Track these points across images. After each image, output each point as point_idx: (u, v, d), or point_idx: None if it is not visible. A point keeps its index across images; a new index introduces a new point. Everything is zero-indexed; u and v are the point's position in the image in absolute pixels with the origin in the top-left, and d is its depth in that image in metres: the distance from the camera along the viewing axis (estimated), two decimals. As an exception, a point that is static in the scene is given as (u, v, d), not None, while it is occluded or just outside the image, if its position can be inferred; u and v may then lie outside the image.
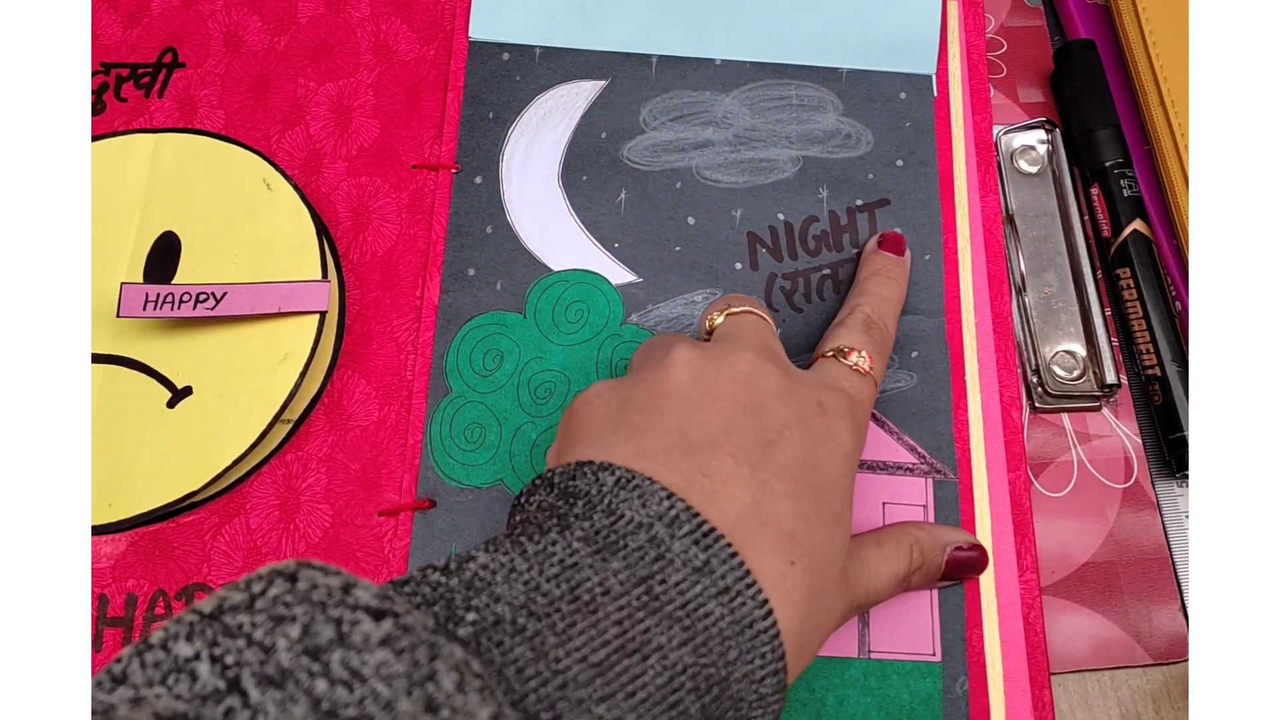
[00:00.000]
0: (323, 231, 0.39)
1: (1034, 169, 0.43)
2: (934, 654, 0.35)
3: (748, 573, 0.24)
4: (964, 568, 0.35)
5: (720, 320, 0.33)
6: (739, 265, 0.40)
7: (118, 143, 0.40)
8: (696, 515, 0.25)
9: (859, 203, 0.41)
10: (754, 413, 0.28)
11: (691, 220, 0.40)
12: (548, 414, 0.37)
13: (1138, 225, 0.41)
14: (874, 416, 0.38)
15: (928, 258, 0.40)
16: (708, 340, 0.33)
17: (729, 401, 0.28)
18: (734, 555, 0.25)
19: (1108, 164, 0.42)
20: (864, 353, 0.33)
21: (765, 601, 0.24)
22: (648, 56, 0.43)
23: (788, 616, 0.25)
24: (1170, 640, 0.37)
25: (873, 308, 0.36)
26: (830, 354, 0.33)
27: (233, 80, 0.41)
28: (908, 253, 0.39)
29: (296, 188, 0.39)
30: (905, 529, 0.34)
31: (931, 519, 0.36)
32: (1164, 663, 0.37)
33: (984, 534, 0.37)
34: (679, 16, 0.43)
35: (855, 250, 0.40)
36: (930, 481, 0.37)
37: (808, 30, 0.43)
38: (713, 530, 0.25)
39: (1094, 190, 0.43)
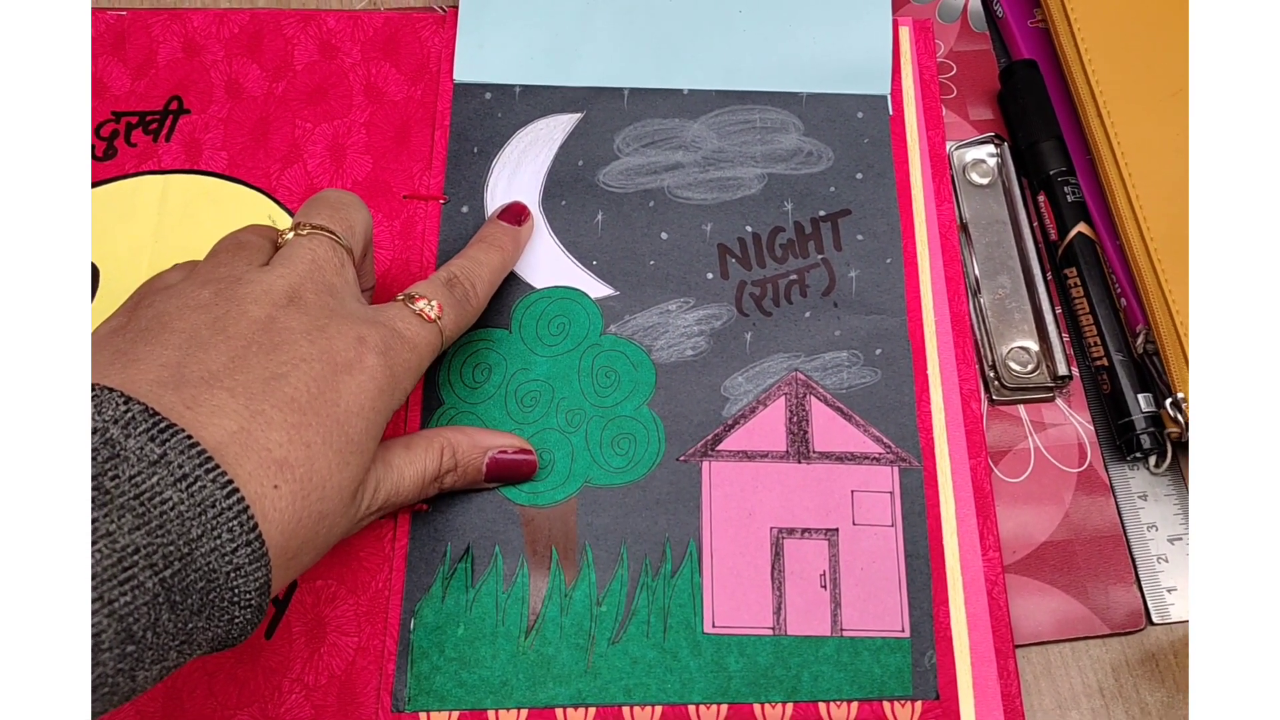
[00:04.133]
0: (321, 259, 0.42)
1: (985, 180, 0.46)
2: (903, 630, 0.37)
3: (208, 459, 0.25)
4: (509, 471, 0.37)
5: (289, 238, 0.33)
6: (710, 275, 0.43)
7: (128, 185, 0.43)
8: (154, 414, 0.25)
9: (822, 213, 0.44)
10: (270, 350, 0.29)
11: (664, 235, 0.43)
12: (534, 420, 0.40)
13: (1082, 228, 0.44)
14: (841, 410, 0.40)
15: (889, 261, 0.43)
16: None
17: (243, 340, 0.29)
18: (193, 445, 0.25)
19: (1052, 173, 0.45)
20: (434, 301, 0.35)
21: (229, 482, 0.26)
22: (619, 90, 0.46)
23: (266, 533, 0.26)
24: (1127, 612, 0.39)
25: (461, 268, 0.37)
26: (400, 298, 0.35)
27: (235, 124, 0.44)
28: (528, 223, 0.42)
29: (296, 220, 0.42)
30: (440, 432, 0.36)
31: (898, 505, 0.39)
32: (1121, 633, 0.39)
33: (948, 517, 0.39)
34: (648, 52, 0.46)
35: (820, 256, 0.43)
36: (896, 469, 0.40)
37: (768, 59, 0.47)
38: (170, 425, 0.25)
39: (1041, 198, 0.46)
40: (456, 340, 0.40)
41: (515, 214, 0.41)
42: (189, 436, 0.26)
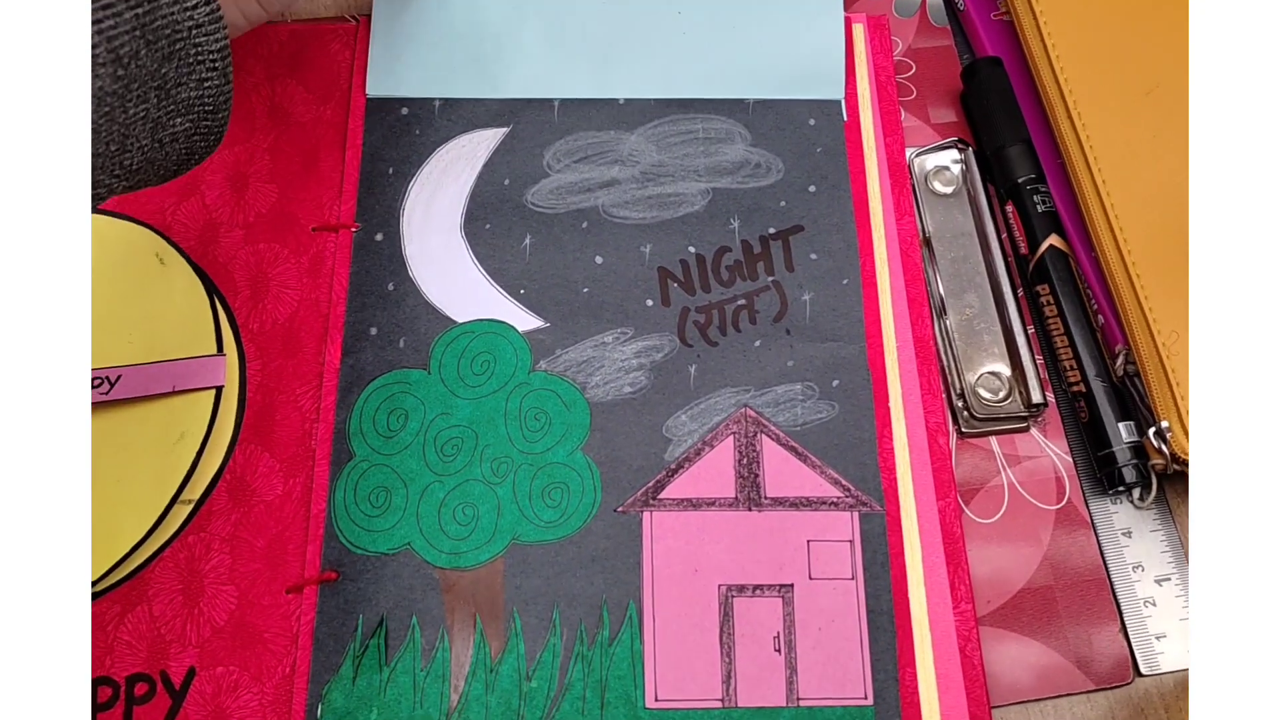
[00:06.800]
0: (220, 303, 0.38)
1: (949, 189, 0.43)
2: (865, 697, 0.34)
3: None
4: None
5: None
6: (650, 302, 0.39)
7: (11, 225, 0.39)
8: None
9: (772, 230, 0.40)
10: None
11: (599, 259, 0.40)
12: (455, 471, 0.36)
13: (1054, 240, 0.41)
14: (795, 450, 0.37)
15: (845, 282, 0.39)
16: None
17: None
18: None
19: (1020, 180, 0.42)
20: None
21: None
22: (549, 101, 0.42)
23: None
24: (1112, 664, 0.36)
25: None
26: None
27: (124, 154, 0.40)
28: None
29: (190, 260, 0.38)
30: None
31: (859, 555, 0.35)
32: (1107, 687, 0.36)
33: (914, 564, 0.36)
34: (580, 59, 0.43)
35: (770, 278, 0.39)
36: (856, 515, 0.36)
37: (711, 64, 0.43)
38: None
39: (1009, 207, 0.42)
40: (371, 385, 0.37)
41: None
42: None
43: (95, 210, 0.30)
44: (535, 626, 0.34)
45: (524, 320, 0.39)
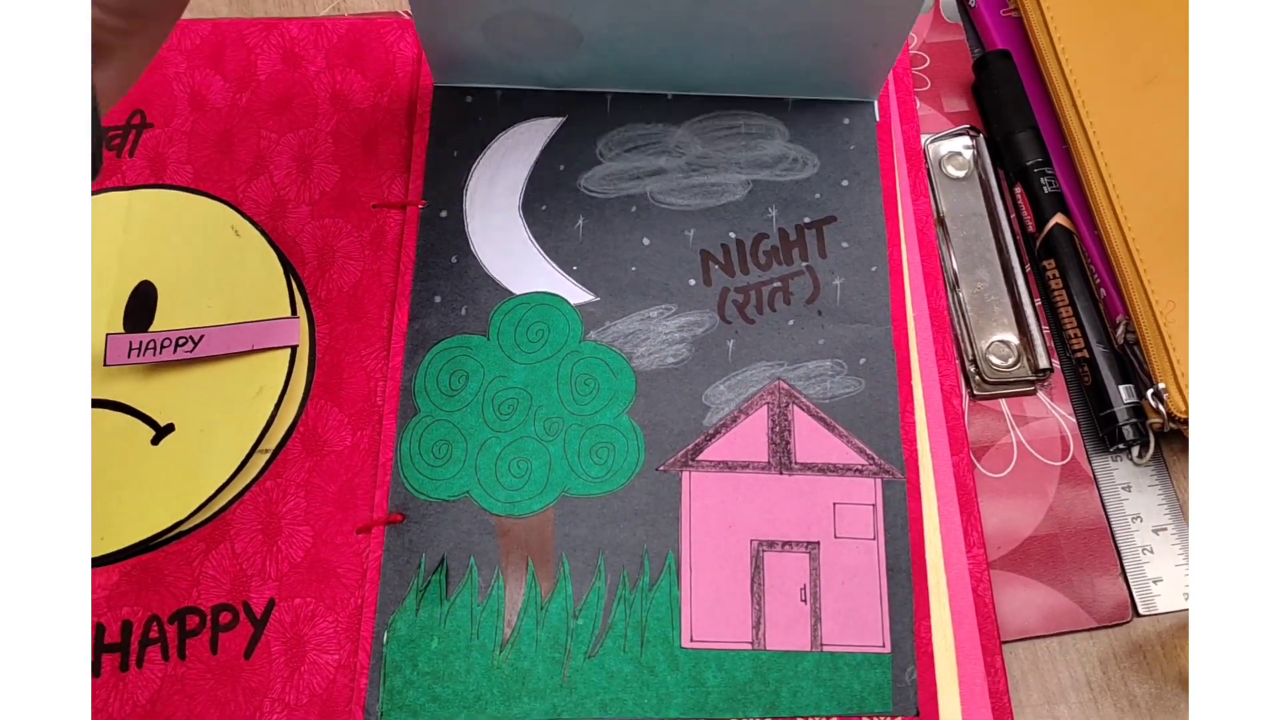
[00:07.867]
0: (290, 272, 0.41)
1: (961, 173, 0.46)
2: (884, 645, 0.37)
3: None
4: None
5: None
6: (693, 281, 0.42)
7: (93, 201, 0.42)
8: None
9: (807, 220, 0.43)
10: None
11: (646, 241, 0.43)
12: (510, 428, 0.39)
13: (1060, 219, 0.44)
14: (823, 420, 0.40)
15: (874, 269, 0.42)
16: None
17: None
18: None
19: (1029, 164, 0.45)
20: None
21: None
22: (603, 94, 0.45)
23: None
24: (1113, 605, 0.39)
25: None
26: None
27: (199, 137, 0.44)
28: None
29: (263, 232, 0.41)
30: None
31: (880, 518, 0.38)
32: (1108, 626, 0.39)
33: (930, 514, 0.39)
34: (632, 57, 0.45)
35: (804, 263, 0.42)
36: (879, 481, 0.39)
37: (755, 65, 0.45)
38: None
39: (1017, 189, 0.45)
40: (435, 348, 0.40)
41: None
42: None
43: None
44: (582, 571, 0.37)
45: (576, 294, 0.42)
